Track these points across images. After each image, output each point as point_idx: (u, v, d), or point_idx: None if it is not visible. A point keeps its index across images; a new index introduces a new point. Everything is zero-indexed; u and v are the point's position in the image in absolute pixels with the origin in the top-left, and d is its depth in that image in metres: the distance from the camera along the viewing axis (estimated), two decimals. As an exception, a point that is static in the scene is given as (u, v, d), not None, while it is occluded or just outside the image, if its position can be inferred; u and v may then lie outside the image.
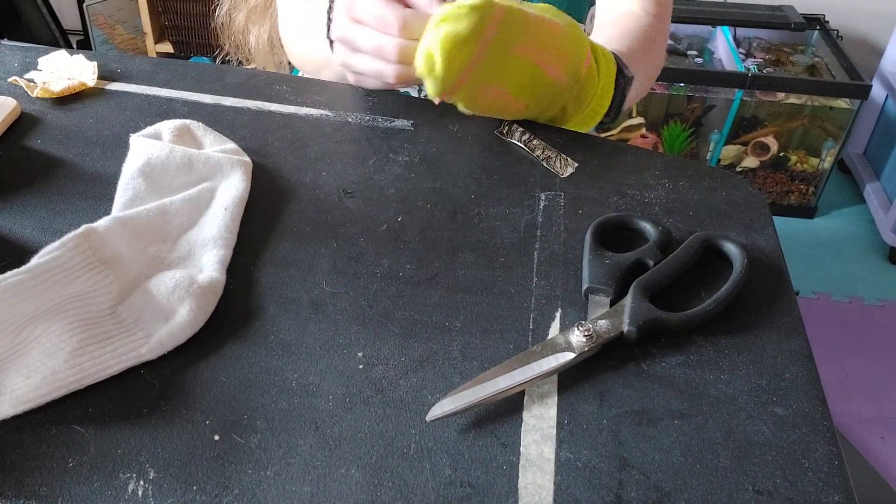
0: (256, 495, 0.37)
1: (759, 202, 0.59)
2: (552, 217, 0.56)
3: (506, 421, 0.42)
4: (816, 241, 2.06)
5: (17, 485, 0.37)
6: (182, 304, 0.45)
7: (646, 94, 0.80)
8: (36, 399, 0.40)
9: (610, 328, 0.46)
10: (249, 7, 0.92)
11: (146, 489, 0.37)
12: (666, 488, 0.39)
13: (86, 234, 0.47)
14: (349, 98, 0.68)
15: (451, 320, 0.47)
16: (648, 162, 0.63)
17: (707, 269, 0.52)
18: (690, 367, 0.45)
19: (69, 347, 0.42)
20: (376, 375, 0.44)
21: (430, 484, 0.38)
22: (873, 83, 2.10)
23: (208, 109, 0.65)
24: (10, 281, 0.43)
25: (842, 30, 2.16)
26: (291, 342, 0.45)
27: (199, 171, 0.55)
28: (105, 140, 0.61)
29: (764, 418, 0.42)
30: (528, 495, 0.38)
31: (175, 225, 0.52)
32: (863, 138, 2.26)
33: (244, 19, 0.93)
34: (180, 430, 0.40)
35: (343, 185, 0.58)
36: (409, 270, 0.51)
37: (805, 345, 0.47)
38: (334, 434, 0.40)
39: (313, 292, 0.49)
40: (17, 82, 0.66)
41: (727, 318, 0.48)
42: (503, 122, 0.66)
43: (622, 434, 0.41)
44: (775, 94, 1.99)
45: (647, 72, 0.73)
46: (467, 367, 0.44)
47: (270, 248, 0.52)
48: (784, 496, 0.39)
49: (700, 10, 2.16)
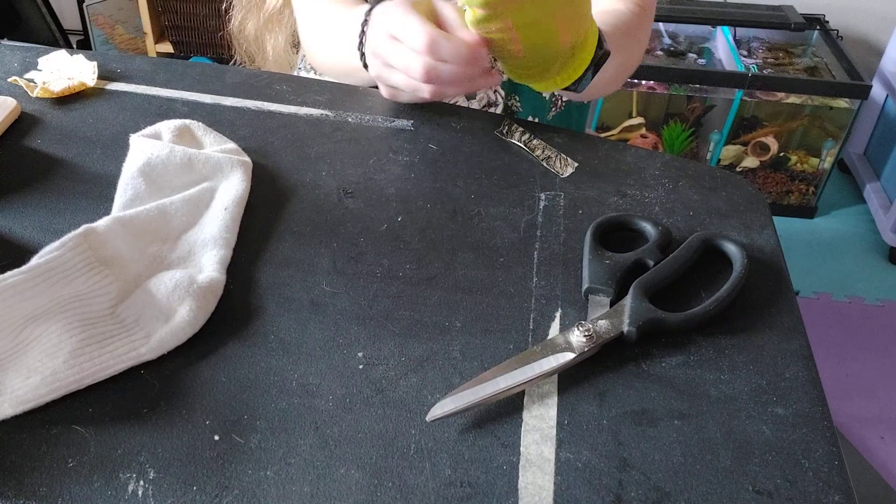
0: (256, 495, 0.37)
1: (759, 202, 0.59)
2: (552, 217, 0.56)
3: (506, 421, 0.42)
4: (816, 241, 2.06)
5: (17, 485, 0.37)
6: (182, 304, 0.45)
7: (617, 86, 0.80)
8: (36, 399, 0.40)
9: (610, 328, 0.46)
10: (265, 16, 0.92)
11: (146, 489, 0.37)
12: (666, 488, 0.39)
13: (86, 234, 0.47)
14: (349, 98, 0.68)
15: (451, 320, 0.47)
16: (648, 162, 0.63)
17: (707, 269, 0.52)
18: (690, 367, 0.45)
19: (69, 347, 0.42)
20: (376, 375, 0.44)
21: (430, 484, 0.38)
22: (873, 83, 2.10)
23: (208, 109, 0.65)
24: (10, 281, 0.43)
25: (842, 30, 2.16)
26: (291, 342, 0.45)
27: (199, 171, 0.55)
28: (105, 140, 0.61)
29: (764, 418, 0.42)
30: (528, 495, 0.38)
31: (175, 225, 0.52)
32: (863, 138, 2.26)
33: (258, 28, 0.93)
34: (180, 430, 0.40)
35: (343, 185, 0.58)
36: (409, 270, 0.51)
37: (805, 345, 0.47)
38: (334, 434, 0.40)
39: (313, 292, 0.49)
40: (17, 82, 0.66)
41: (727, 318, 0.48)
42: (503, 121, 0.66)
43: (622, 434, 0.41)
44: (775, 94, 1.99)
45: (623, 63, 0.73)
46: (467, 367, 0.44)
47: (270, 248, 0.52)
48: (784, 496, 0.39)
49: (700, 10, 2.16)
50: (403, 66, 0.58)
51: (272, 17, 0.92)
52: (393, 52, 0.58)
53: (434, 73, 0.56)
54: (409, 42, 0.57)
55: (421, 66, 0.56)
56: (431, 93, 0.59)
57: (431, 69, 0.56)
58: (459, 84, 0.58)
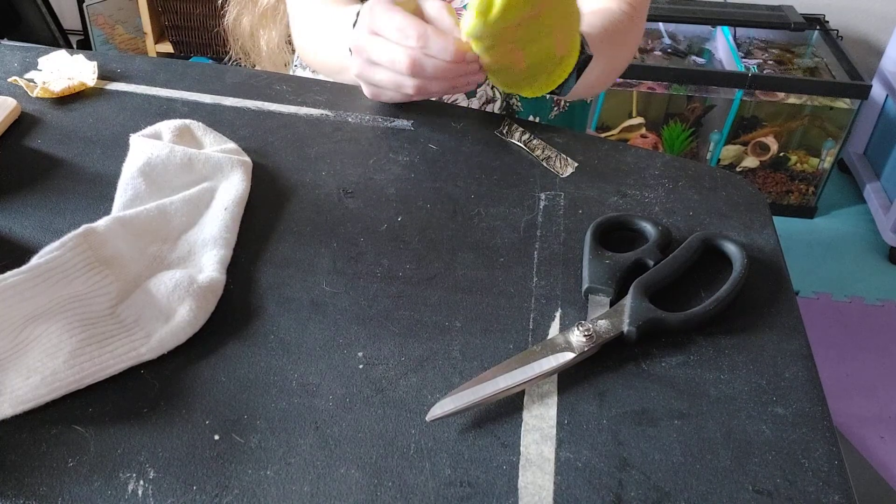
0: (256, 495, 0.37)
1: (759, 202, 0.59)
2: (552, 217, 0.56)
3: (506, 421, 0.42)
4: (816, 241, 2.06)
5: (17, 485, 0.37)
6: (182, 304, 0.45)
7: (605, 86, 0.80)
8: (36, 399, 0.40)
9: (610, 328, 0.46)
10: (259, 12, 0.92)
11: (146, 489, 0.37)
12: (666, 488, 0.39)
13: (86, 234, 0.47)
14: (349, 98, 0.68)
15: (451, 320, 0.47)
16: (648, 162, 0.63)
17: (707, 269, 0.52)
18: (690, 367, 0.45)
19: (69, 347, 0.42)
20: (376, 375, 0.44)
21: (430, 484, 0.38)
22: (873, 83, 2.10)
23: (208, 109, 0.65)
24: (10, 281, 0.43)
25: (842, 30, 2.16)
26: (291, 342, 0.45)
27: (199, 171, 0.55)
28: (105, 140, 0.61)
29: (764, 418, 0.42)
30: (528, 495, 0.38)
31: (175, 225, 0.52)
32: (863, 138, 2.26)
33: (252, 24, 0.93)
34: (180, 430, 0.40)
35: (343, 185, 0.58)
36: (409, 270, 0.51)
37: (805, 345, 0.47)
38: (334, 434, 0.40)
39: (313, 292, 0.49)
40: (17, 82, 0.66)
41: (727, 318, 0.48)
42: (503, 121, 0.66)
43: (622, 434, 0.41)
44: (775, 94, 1.99)
45: (609, 63, 0.73)
46: (467, 367, 0.44)
47: (270, 248, 0.52)
48: (784, 496, 0.39)
49: (700, 10, 2.16)
50: (388, 59, 0.57)
51: (266, 12, 0.92)
52: (376, 47, 0.57)
53: (419, 65, 0.56)
54: (393, 36, 0.56)
55: (406, 58, 0.56)
56: (415, 88, 0.58)
57: (416, 61, 0.56)
58: (443, 80, 0.58)
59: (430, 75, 0.57)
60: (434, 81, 0.58)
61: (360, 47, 0.59)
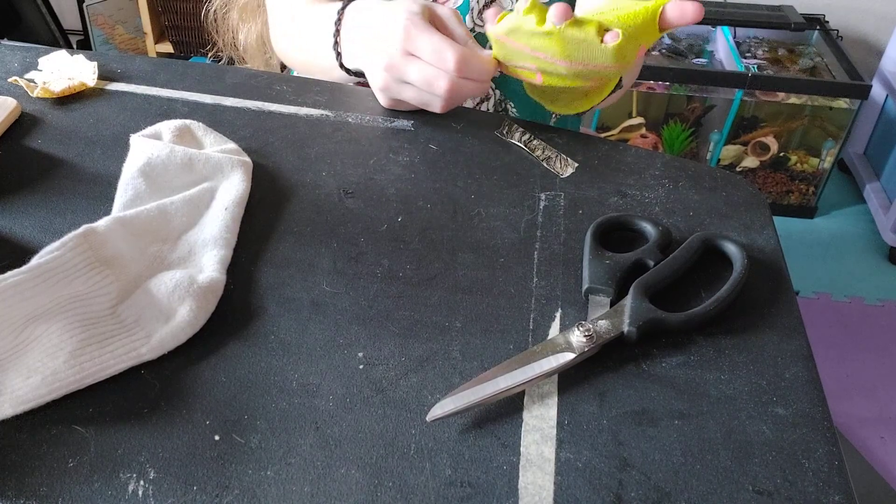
0: (256, 495, 0.37)
1: (759, 202, 0.59)
2: (552, 217, 0.56)
3: (506, 421, 0.42)
4: (816, 241, 2.06)
5: (17, 485, 0.37)
6: (182, 304, 0.45)
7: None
8: (36, 399, 0.40)
9: (610, 328, 0.46)
10: (240, 5, 0.93)
11: (146, 489, 0.37)
12: (666, 488, 0.39)
13: (86, 234, 0.47)
14: (349, 98, 0.68)
15: (451, 320, 0.47)
16: (648, 162, 0.63)
17: (707, 269, 0.52)
18: (690, 367, 0.45)
19: (69, 347, 0.42)
20: (376, 375, 0.44)
21: (430, 484, 0.38)
22: (873, 83, 2.10)
23: (208, 109, 0.65)
24: (10, 281, 0.43)
25: (842, 30, 2.16)
26: (291, 342, 0.45)
27: (199, 171, 0.55)
28: (105, 140, 0.61)
29: (764, 418, 0.42)
30: (528, 495, 0.38)
31: (175, 225, 0.52)
32: (863, 138, 2.26)
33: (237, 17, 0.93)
34: (180, 430, 0.40)
35: (343, 185, 0.58)
36: (409, 270, 0.51)
37: (805, 345, 0.47)
38: (334, 434, 0.40)
39: (313, 292, 0.49)
40: (17, 82, 0.66)
41: (727, 318, 0.48)
42: (503, 122, 0.66)
43: (622, 434, 0.41)
44: (775, 94, 1.99)
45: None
46: (467, 367, 0.44)
47: (271, 248, 0.52)
48: (784, 496, 0.39)
49: (700, 10, 2.16)
50: (423, 81, 0.58)
51: (246, 7, 0.93)
52: (412, 69, 0.58)
53: (457, 90, 0.57)
54: (431, 59, 0.57)
55: (446, 83, 0.57)
56: (444, 106, 0.60)
57: (456, 86, 0.57)
58: (471, 96, 0.61)
59: (465, 96, 0.59)
60: (462, 98, 0.60)
61: (392, 66, 0.59)
